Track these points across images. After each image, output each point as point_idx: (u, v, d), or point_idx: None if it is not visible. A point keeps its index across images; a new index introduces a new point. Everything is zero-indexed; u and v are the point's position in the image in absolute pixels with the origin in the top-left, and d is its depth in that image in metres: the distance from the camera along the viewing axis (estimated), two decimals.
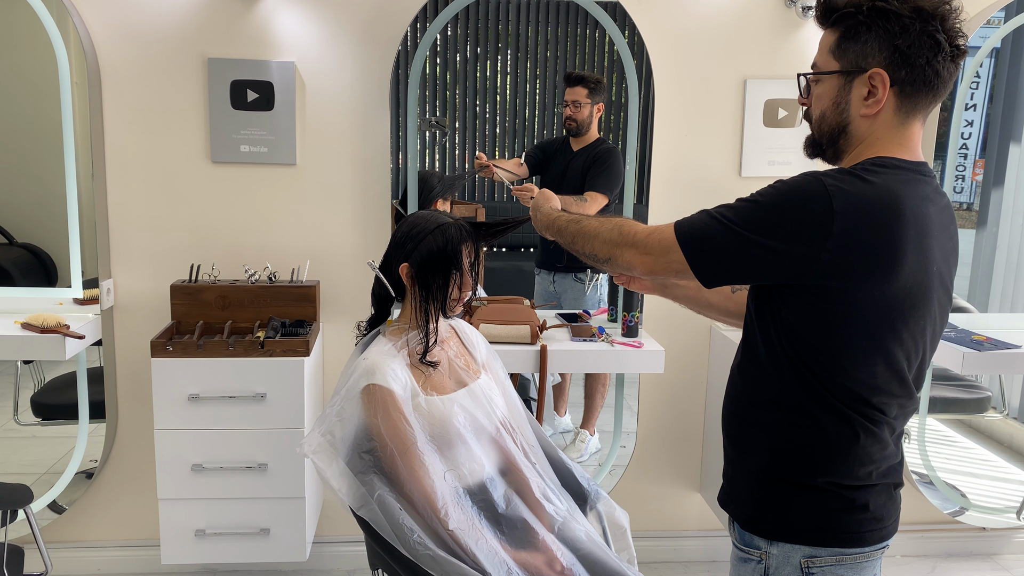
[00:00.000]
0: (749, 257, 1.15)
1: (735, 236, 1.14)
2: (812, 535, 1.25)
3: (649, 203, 2.63)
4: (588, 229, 1.34)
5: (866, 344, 1.17)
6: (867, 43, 1.16)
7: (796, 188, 1.14)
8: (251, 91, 2.39)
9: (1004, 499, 2.91)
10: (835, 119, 1.22)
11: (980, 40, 2.60)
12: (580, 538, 1.60)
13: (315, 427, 1.54)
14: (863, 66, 1.17)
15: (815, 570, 1.25)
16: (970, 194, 2.94)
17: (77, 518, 2.59)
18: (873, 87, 1.17)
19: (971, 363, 2.45)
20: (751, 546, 1.30)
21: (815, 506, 1.24)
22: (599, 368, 2.44)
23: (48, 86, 2.32)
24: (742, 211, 1.16)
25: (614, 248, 1.27)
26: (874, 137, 1.20)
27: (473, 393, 1.66)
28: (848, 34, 1.19)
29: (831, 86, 1.22)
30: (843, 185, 1.12)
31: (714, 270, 1.18)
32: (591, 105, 2.65)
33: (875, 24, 1.15)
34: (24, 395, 2.56)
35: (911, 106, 1.18)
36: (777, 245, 1.12)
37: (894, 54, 1.15)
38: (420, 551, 1.41)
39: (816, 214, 1.11)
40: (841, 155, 1.25)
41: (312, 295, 2.41)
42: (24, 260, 2.49)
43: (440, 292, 1.62)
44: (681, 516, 2.83)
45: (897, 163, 1.18)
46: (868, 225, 1.11)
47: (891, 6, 1.14)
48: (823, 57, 1.24)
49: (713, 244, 1.16)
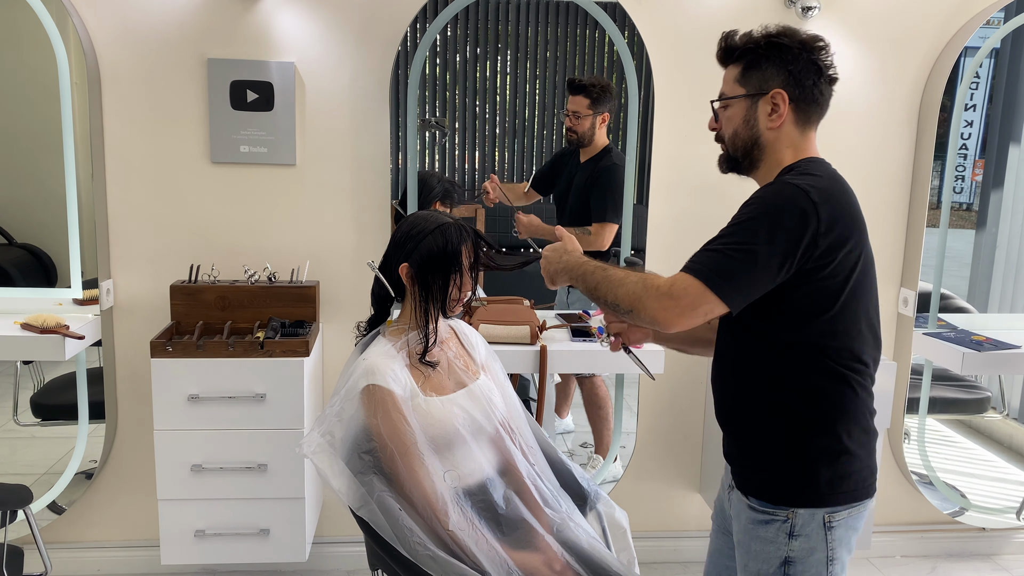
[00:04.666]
0: (769, 268, 1.30)
1: (751, 257, 1.29)
2: (835, 496, 1.41)
3: (649, 203, 2.63)
4: (614, 277, 1.40)
5: (854, 306, 1.38)
6: (767, 70, 1.43)
7: (778, 195, 1.34)
8: (251, 91, 2.39)
9: (1004, 499, 2.91)
10: (747, 134, 1.46)
11: (980, 40, 2.60)
12: (579, 539, 1.60)
13: (315, 427, 1.54)
14: (765, 88, 1.43)
15: (835, 524, 1.42)
16: (970, 194, 2.94)
17: (77, 518, 2.59)
18: (775, 104, 1.42)
19: (971, 363, 2.46)
20: (776, 508, 1.43)
21: (835, 470, 1.41)
22: (599, 368, 2.44)
23: (48, 86, 2.32)
24: (743, 232, 1.31)
25: (637, 300, 1.34)
26: (782, 145, 1.44)
27: (472, 394, 1.66)
28: (750, 65, 1.45)
29: (740, 108, 1.46)
30: (809, 182, 1.33)
31: (744, 294, 1.32)
32: (594, 116, 2.57)
33: (772, 54, 1.43)
34: (24, 395, 2.56)
35: (805, 119, 1.45)
36: (788, 247, 1.30)
37: (789, 77, 1.42)
38: (420, 551, 1.41)
39: (805, 211, 1.30)
40: (756, 164, 1.47)
41: (312, 295, 2.41)
42: (24, 260, 2.49)
43: (440, 292, 1.62)
44: (681, 516, 2.83)
45: (819, 160, 1.43)
46: (838, 205, 1.35)
47: (783, 40, 1.43)
48: (729, 87, 1.49)
49: (736, 273, 1.30)
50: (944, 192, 2.66)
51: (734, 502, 1.54)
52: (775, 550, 1.44)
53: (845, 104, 2.62)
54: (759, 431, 1.45)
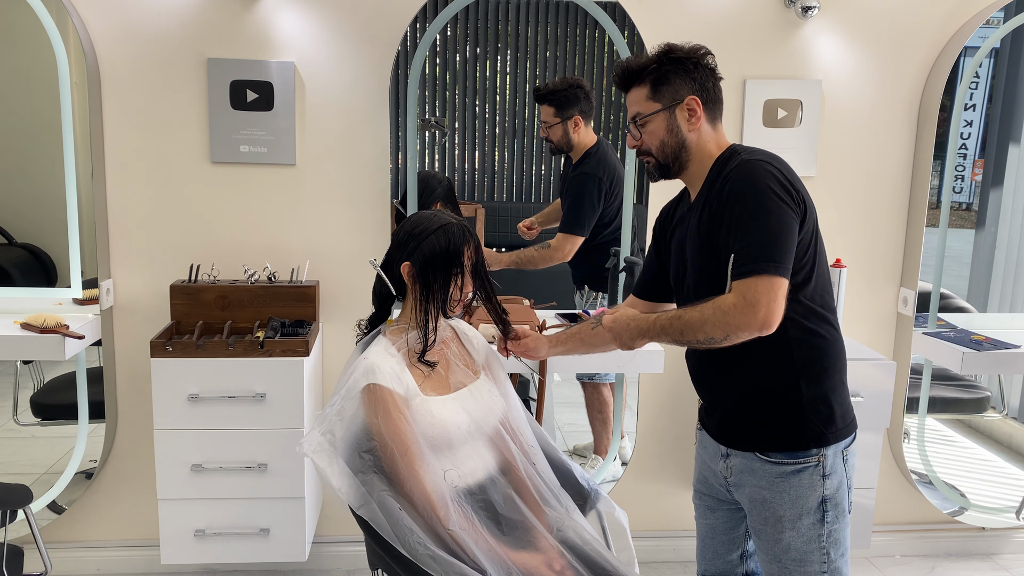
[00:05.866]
0: (793, 228, 1.46)
1: (778, 229, 1.44)
2: (847, 428, 1.60)
3: (649, 203, 2.63)
4: (692, 320, 1.49)
5: (819, 253, 1.56)
6: (675, 83, 1.59)
7: (752, 175, 1.48)
8: (251, 91, 2.40)
9: (1003, 499, 2.91)
10: (673, 141, 1.61)
11: (979, 40, 2.61)
12: (579, 538, 1.60)
13: (315, 427, 1.54)
14: (679, 98, 1.59)
15: (848, 455, 1.60)
16: (969, 194, 2.94)
17: (77, 518, 2.59)
18: (691, 110, 1.59)
19: (970, 363, 2.46)
20: (807, 456, 1.55)
21: (845, 403, 1.60)
22: (599, 368, 2.44)
23: (48, 86, 2.32)
24: (757, 217, 1.45)
25: (726, 327, 1.44)
26: (704, 141, 1.61)
27: (473, 394, 1.66)
28: (658, 81, 1.60)
29: (660, 121, 1.61)
30: (761, 156, 1.53)
31: (789, 261, 1.46)
32: (563, 122, 2.56)
33: (676, 68, 1.59)
34: (24, 395, 2.56)
35: (713, 116, 1.62)
36: (793, 204, 1.47)
37: (695, 84, 1.59)
38: (420, 551, 1.41)
39: (780, 173, 1.49)
40: (685, 165, 1.63)
41: (312, 295, 2.41)
42: (24, 260, 2.49)
43: (441, 292, 1.62)
44: (681, 516, 2.83)
45: (739, 144, 1.64)
46: (789, 167, 1.53)
47: (680, 54, 1.60)
48: (642, 106, 1.62)
49: (777, 249, 1.43)
50: (944, 192, 2.66)
51: (737, 466, 1.62)
52: (812, 494, 1.56)
53: (845, 104, 2.62)
54: (769, 388, 1.56)
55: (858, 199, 2.68)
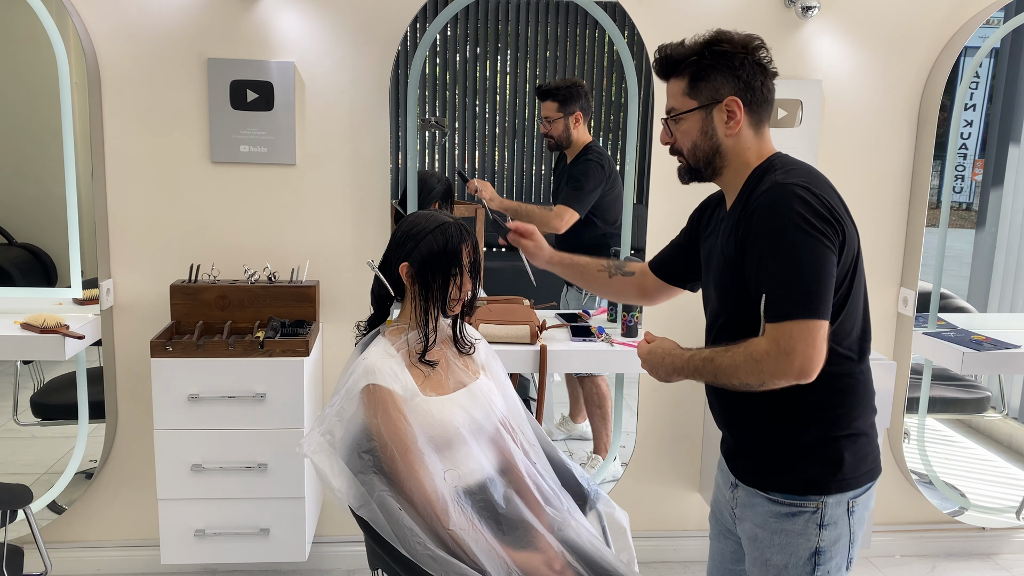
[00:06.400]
0: (829, 264, 1.31)
1: (812, 267, 1.30)
2: (858, 479, 1.44)
3: (649, 203, 2.63)
4: (724, 365, 1.37)
5: (856, 286, 1.40)
6: (715, 79, 1.42)
7: (784, 202, 1.32)
8: (251, 91, 2.40)
9: (1003, 499, 2.91)
10: (707, 145, 1.45)
11: (979, 40, 2.61)
12: (580, 538, 1.60)
13: (315, 427, 1.54)
14: (718, 97, 1.42)
15: (856, 506, 1.45)
16: (969, 194, 2.94)
17: (77, 518, 2.59)
18: (731, 112, 1.42)
19: (970, 363, 2.46)
20: (803, 500, 1.42)
21: (861, 451, 1.44)
22: (599, 368, 2.44)
23: (48, 86, 2.32)
24: (787, 254, 1.31)
25: (760, 374, 1.32)
26: (743, 148, 1.44)
27: (472, 393, 1.66)
28: (697, 76, 1.43)
29: (695, 121, 1.45)
30: (798, 180, 1.34)
31: (828, 302, 1.31)
32: (564, 118, 2.61)
33: (719, 63, 1.42)
34: (24, 395, 2.56)
35: (758, 120, 1.45)
36: (829, 236, 1.31)
37: (738, 83, 1.41)
38: (420, 551, 1.41)
39: (832, 201, 1.34)
40: (719, 171, 1.47)
41: (312, 295, 2.41)
42: (24, 260, 2.49)
43: (440, 292, 1.62)
44: (681, 516, 2.83)
45: (783, 154, 1.46)
46: (830, 190, 1.38)
47: (726, 48, 1.41)
48: (678, 100, 1.46)
49: (812, 290, 1.29)
50: (944, 192, 2.66)
51: (741, 499, 1.51)
52: (804, 542, 1.43)
53: (845, 104, 2.62)
54: (776, 426, 1.44)
55: (858, 199, 2.68)
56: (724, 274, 1.45)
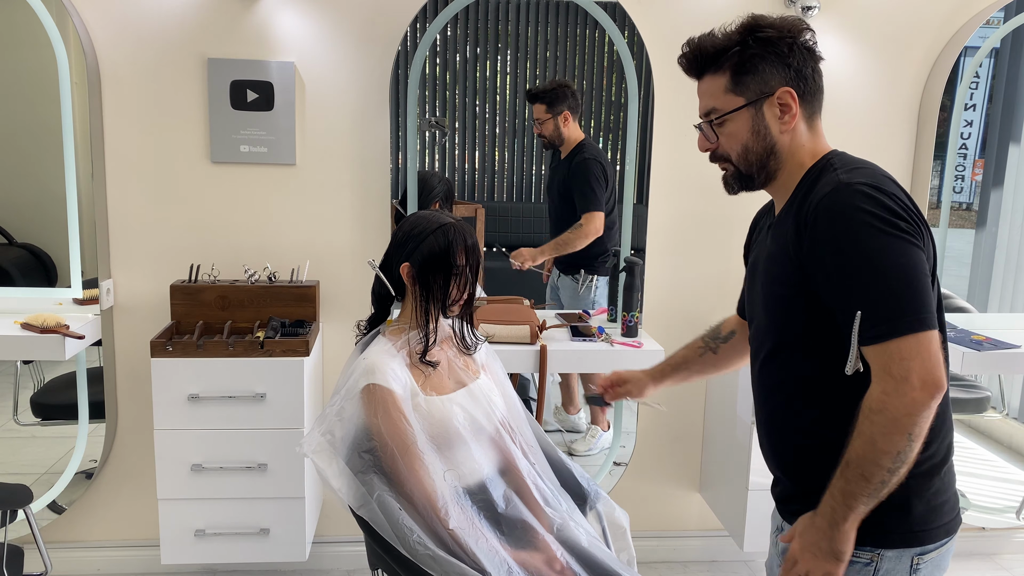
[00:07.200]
0: (922, 264, 1.15)
1: (902, 271, 1.12)
2: (928, 533, 1.23)
3: (649, 203, 2.63)
4: (861, 455, 1.13)
5: (939, 304, 1.22)
6: (764, 70, 1.26)
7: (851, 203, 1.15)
8: (251, 91, 2.40)
9: (1004, 499, 2.91)
10: (760, 146, 1.28)
11: (980, 40, 2.61)
12: (579, 538, 1.60)
13: (315, 427, 1.54)
14: (767, 91, 1.26)
15: (923, 564, 1.24)
16: (969, 194, 2.94)
17: (77, 518, 2.59)
18: (784, 105, 1.26)
19: (971, 363, 2.46)
20: (858, 550, 1.21)
21: (935, 497, 1.23)
22: (599, 368, 2.44)
23: (48, 86, 2.32)
24: (870, 262, 1.13)
25: (895, 427, 1.10)
26: (797, 146, 1.28)
27: (472, 393, 1.66)
28: (741, 69, 1.27)
29: (744, 120, 1.28)
30: (865, 178, 1.17)
31: (931, 306, 1.15)
32: (554, 118, 2.67)
33: (766, 52, 1.25)
34: (24, 395, 2.56)
35: (811, 111, 1.29)
36: (913, 235, 1.14)
37: (789, 71, 1.25)
38: (420, 551, 1.41)
39: (906, 197, 1.18)
40: (774, 175, 1.30)
41: (312, 295, 2.41)
42: (24, 260, 2.49)
43: (440, 292, 1.62)
44: (681, 516, 2.83)
45: (840, 152, 1.29)
46: (909, 197, 1.20)
47: (771, 33, 1.25)
48: (720, 100, 1.29)
49: (910, 299, 1.12)
50: (944, 192, 2.66)
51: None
52: None
53: (845, 104, 2.62)
54: (835, 465, 1.19)
55: None
56: (772, 289, 1.28)
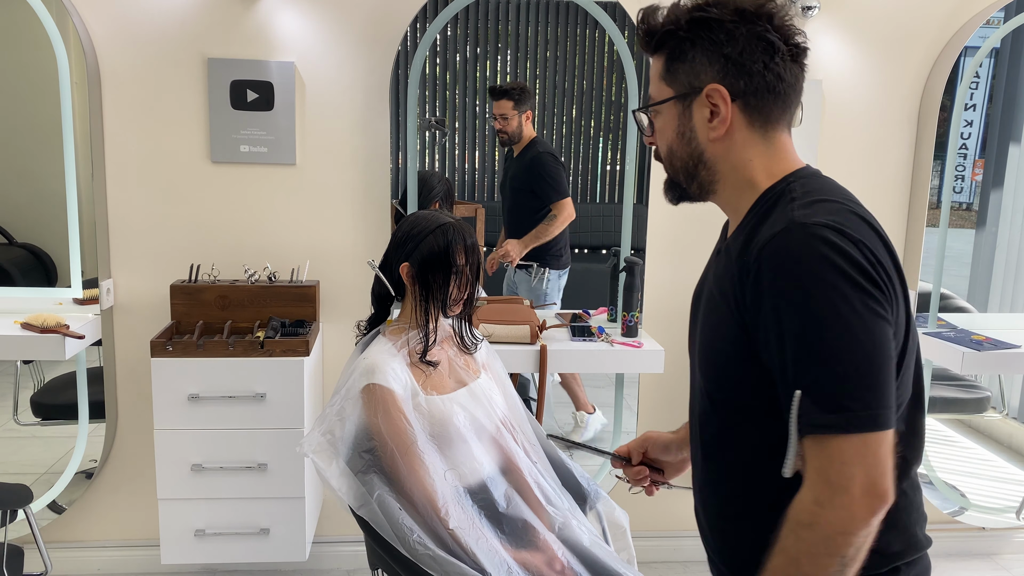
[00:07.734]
0: (884, 341, 0.92)
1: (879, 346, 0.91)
2: None
3: (649, 203, 2.63)
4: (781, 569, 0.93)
5: (909, 379, 1.01)
6: (695, 60, 1.02)
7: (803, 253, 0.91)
8: (251, 91, 2.40)
9: (1004, 499, 2.91)
10: (685, 151, 1.06)
11: (980, 40, 2.61)
12: (580, 538, 1.60)
13: (315, 427, 1.54)
14: (697, 85, 1.02)
15: None
16: (969, 194, 2.94)
17: (77, 518, 2.59)
18: (714, 105, 1.02)
19: (970, 363, 2.46)
20: None
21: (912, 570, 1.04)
22: (599, 368, 2.44)
23: (48, 86, 2.32)
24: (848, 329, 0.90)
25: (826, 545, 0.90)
26: (740, 160, 1.04)
27: (473, 392, 1.66)
28: (674, 55, 1.04)
29: (671, 116, 1.06)
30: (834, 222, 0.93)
31: (890, 398, 0.92)
32: (519, 115, 2.71)
33: (698, 37, 1.01)
34: (24, 395, 2.56)
35: (764, 118, 1.04)
36: (889, 312, 0.93)
37: (726, 64, 1.01)
38: (420, 551, 1.41)
39: (877, 248, 0.94)
40: (709, 187, 1.08)
41: (312, 295, 2.41)
42: (24, 260, 2.49)
43: (440, 292, 1.62)
44: (681, 516, 2.83)
45: (807, 172, 1.06)
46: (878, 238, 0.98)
47: (710, 14, 1.00)
48: (655, 86, 1.07)
49: (861, 385, 0.90)
50: (944, 192, 2.66)
51: None
52: None
53: (845, 104, 2.62)
54: None
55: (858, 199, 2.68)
56: (711, 342, 1.07)
